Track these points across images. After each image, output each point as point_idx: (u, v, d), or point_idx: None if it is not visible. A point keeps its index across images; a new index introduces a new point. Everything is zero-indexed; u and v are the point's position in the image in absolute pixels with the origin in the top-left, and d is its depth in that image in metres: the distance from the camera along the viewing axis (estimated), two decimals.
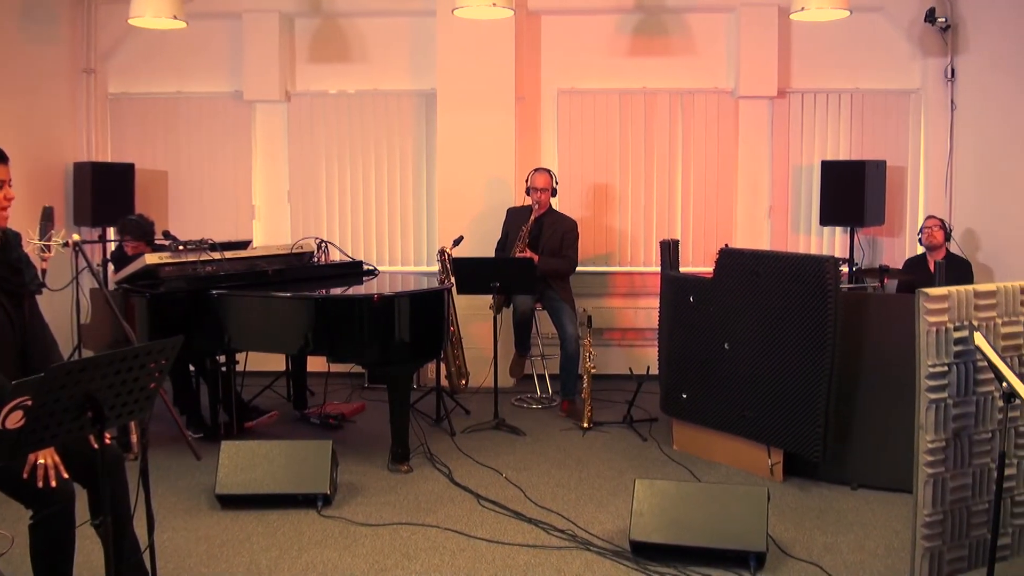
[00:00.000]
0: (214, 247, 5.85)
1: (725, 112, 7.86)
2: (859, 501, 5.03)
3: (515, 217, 6.99)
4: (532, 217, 6.78)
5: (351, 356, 5.55)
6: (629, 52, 7.83)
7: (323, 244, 6.54)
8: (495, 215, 7.31)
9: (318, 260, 6.53)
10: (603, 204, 7.91)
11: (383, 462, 5.55)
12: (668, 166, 7.89)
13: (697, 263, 7.81)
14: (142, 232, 6.36)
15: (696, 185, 7.90)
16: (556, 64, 7.85)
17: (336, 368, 6.95)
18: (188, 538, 4.49)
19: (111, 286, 5.92)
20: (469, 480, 5.31)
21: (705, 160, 7.89)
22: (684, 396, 5.78)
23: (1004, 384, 3.24)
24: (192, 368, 6.27)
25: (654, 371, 6.37)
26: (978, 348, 3.38)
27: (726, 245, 5.97)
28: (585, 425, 6.35)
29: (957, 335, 3.43)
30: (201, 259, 5.74)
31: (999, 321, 3.50)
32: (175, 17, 6.36)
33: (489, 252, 7.09)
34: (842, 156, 7.87)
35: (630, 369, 7.48)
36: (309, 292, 5.48)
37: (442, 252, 6.74)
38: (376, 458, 5.64)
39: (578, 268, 7.00)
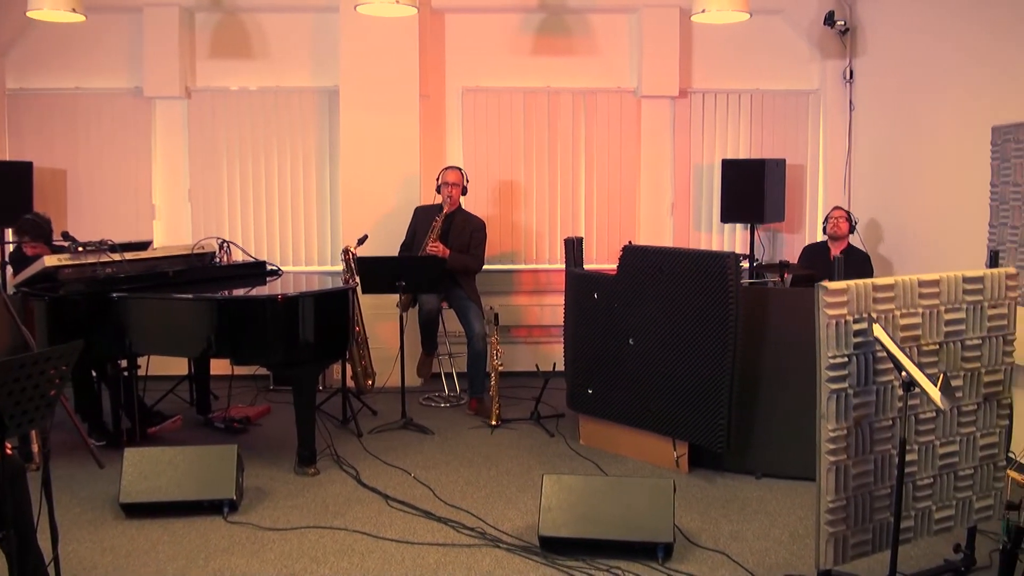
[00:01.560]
0: (114, 248, 5.67)
1: (628, 111, 7.94)
2: (763, 490, 5.13)
3: (423, 215, 6.93)
4: (444, 211, 6.73)
5: (255, 358, 5.43)
6: (533, 51, 7.84)
7: (225, 244, 6.39)
8: (400, 214, 7.23)
9: (220, 260, 6.37)
10: (508, 202, 7.91)
11: (289, 465, 5.44)
12: (572, 164, 7.94)
13: (601, 260, 7.88)
14: (40, 232, 6.12)
15: (600, 183, 7.96)
16: (460, 62, 7.82)
17: (240, 371, 6.78)
18: (93, 549, 4.32)
19: (10, 290, 5.68)
20: (377, 481, 5.24)
21: (608, 158, 7.95)
22: (590, 391, 5.82)
23: (903, 373, 3.33)
24: (94, 373, 6.04)
25: (560, 367, 6.38)
26: (877, 339, 3.47)
27: (629, 242, 6.03)
28: (493, 422, 6.34)
29: (856, 327, 3.52)
30: (101, 260, 5.56)
31: (897, 313, 3.60)
32: (74, 10, 6.11)
33: (395, 251, 7.01)
34: (742, 155, 8.03)
35: (536, 366, 7.50)
36: (211, 293, 5.34)
37: (346, 251, 6.65)
38: (282, 461, 5.52)
39: (484, 266, 6.99)
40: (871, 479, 3.61)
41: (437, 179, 6.92)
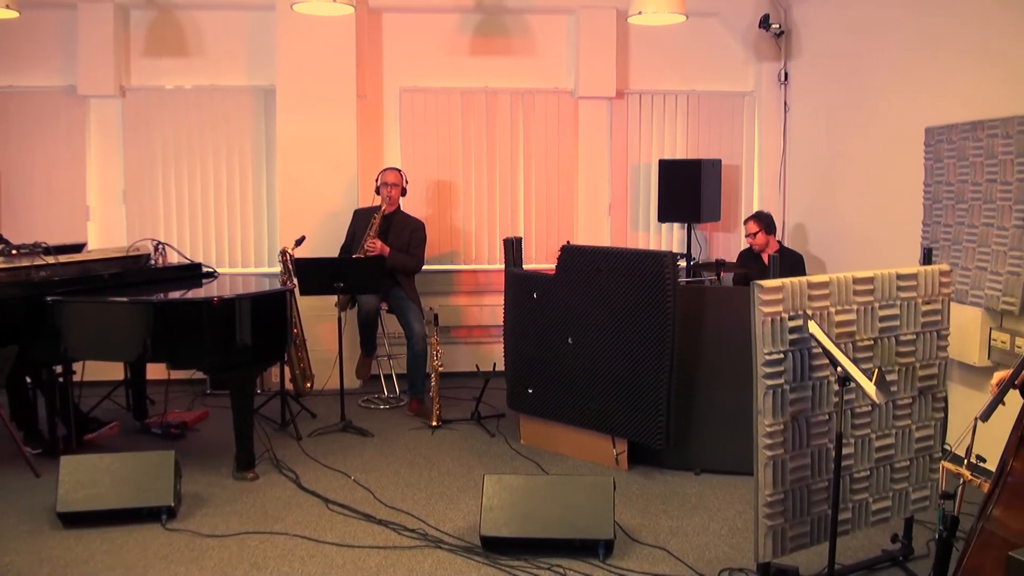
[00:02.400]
0: (48, 251, 5.52)
1: (565, 112, 7.96)
2: (702, 485, 5.18)
3: (362, 218, 6.87)
4: (382, 210, 6.69)
5: (191, 362, 5.34)
6: (471, 51, 7.82)
7: (160, 246, 6.26)
8: (338, 215, 7.16)
9: (155, 263, 6.24)
10: (447, 202, 7.88)
11: (228, 470, 5.34)
12: (510, 165, 7.93)
13: (540, 260, 7.88)
14: None
15: (538, 183, 7.97)
16: (398, 62, 7.76)
17: (176, 375, 6.65)
18: (30, 560, 4.20)
19: None
20: (317, 484, 5.18)
21: (546, 159, 7.96)
22: (530, 391, 5.82)
23: (839, 369, 3.38)
24: (28, 380, 5.87)
25: (500, 367, 6.37)
26: (812, 336, 3.52)
27: (568, 242, 6.05)
28: (433, 423, 6.30)
29: (792, 324, 3.56)
30: (35, 263, 5.40)
31: (832, 310, 3.66)
32: (7, 7, 5.93)
33: (333, 253, 6.94)
34: (679, 155, 8.09)
35: (477, 366, 7.48)
36: (147, 296, 5.23)
37: (283, 253, 6.56)
38: (221, 467, 5.43)
39: (424, 266, 6.95)
40: (808, 472, 3.66)
41: (376, 180, 6.87)
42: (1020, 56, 5.05)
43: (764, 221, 7.04)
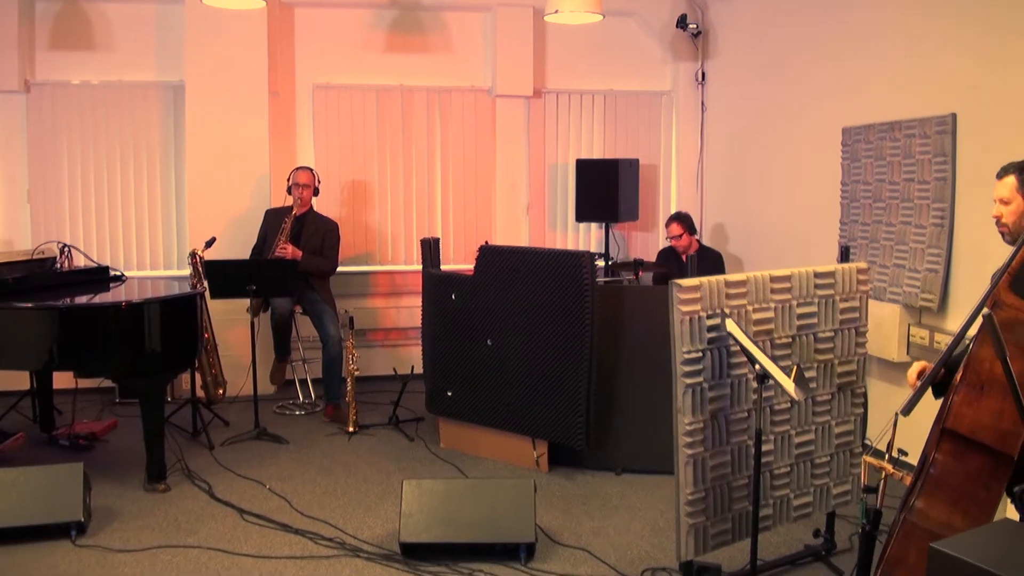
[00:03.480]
0: None
1: (482, 110, 7.94)
2: (624, 485, 5.22)
3: (274, 219, 6.76)
4: (294, 213, 6.58)
5: (99, 369, 5.16)
6: (386, 48, 7.74)
7: (66, 249, 6.06)
8: (250, 216, 7.02)
9: (61, 266, 6.04)
10: (362, 202, 7.79)
11: (139, 482, 5.18)
12: (427, 164, 7.88)
13: (458, 261, 7.85)
14: None
15: (455, 183, 7.93)
16: (311, 58, 7.64)
17: (84, 383, 6.43)
18: None
19: None
20: (231, 495, 5.07)
21: (464, 158, 7.93)
22: (449, 394, 5.79)
23: (757, 366, 3.42)
24: None
25: (418, 370, 6.34)
26: (730, 334, 3.56)
27: (486, 242, 6.03)
28: (350, 429, 6.23)
29: (710, 322, 3.60)
30: None
31: (750, 308, 3.70)
32: None
33: (245, 255, 6.80)
34: (597, 155, 8.14)
35: (394, 369, 7.41)
36: (52, 302, 5.03)
37: (193, 255, 6.40)
38: (131, 478, 5.26)
39: (338, 268, 6.87)
40: (729, 470, 3.70)
41: (288, 180, 6.75)
42: (937, 57, 5.19)
43: (686, 223, 7.14)
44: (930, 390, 3.30)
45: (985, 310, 2.77)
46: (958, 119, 5.04)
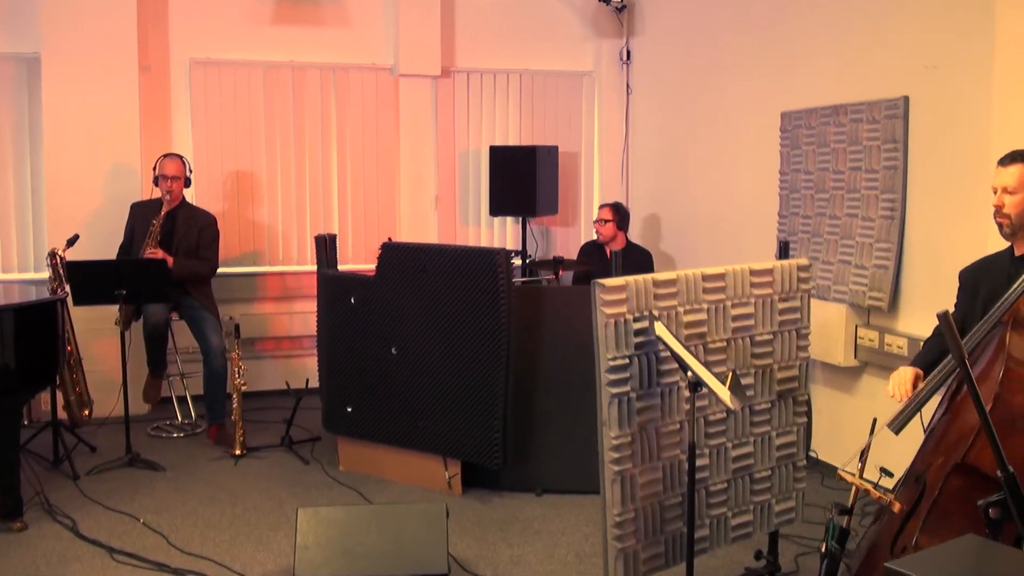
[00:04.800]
0: None
1: (384, 91, 7.93)
2: (545, 508, 5.26)
3: (142, 213, 6.65)
4: (163, 211, 6.47)
5: None
6: (274, 19, 7.66)
7: None
8: (118, 210, 6.87)
9: None
10: (247, 195, 7.70)
11: None
12: (322, 151, 7.83)
13: (358, 260, 7.83)
14: None
15: (354, 173, 7.90)
16: (187, 30, 7.51)
17: None
18: None
19: None
20: (99, 531, 4.98)
21: (363, 145, 7.91)
22: (349, 410, 5.78)
23: (689, 373, 3.48)
24: None
25: (314, 384, 6.31)
26: (660, 338, 3.60)
27: (389, 239, 6.04)
28: (237, 452, 6.18)
29: (637, 326, 3.64)
30: None
31: (681, 309, 3.76)
32: None
33: (112, 254, 6.68)
34: (512, 141, 8.19)
35: (287, 383, 7.34)
36: None
37: (53, 255, 6.26)
38: None
39: (219, 269, 6.78)
40: (660, 488, 3.75)
41: (153, 169, 6.65)
42: (888, 34, 5.34)
43: (620, 213, 7.25)
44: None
45: (1004, 325, 2.81)
46: (911, 102, 5.19)
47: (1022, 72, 4.38)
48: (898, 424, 3.42)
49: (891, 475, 3.54)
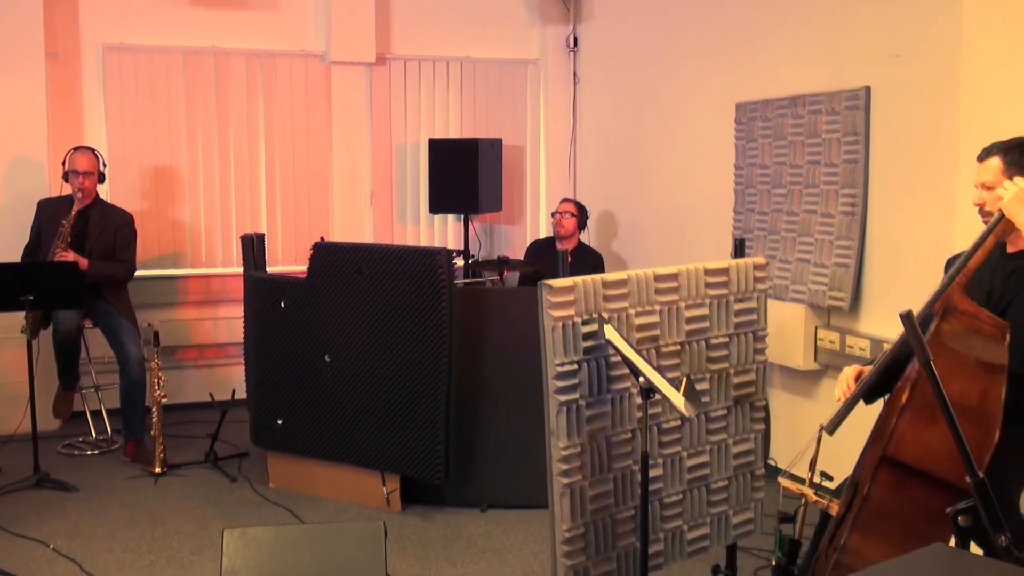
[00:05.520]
0: None
1: (315, 80, 7.90)
2: (491, 524, 5.28)
3: (50, 211, 6.57)
4: (74, 210, 6.40)
5: None
6: (194, 1, 7.61)
7: None
8: (23, 208, 6.78)
9: None
10: (167, 192, 7.64)
11: None
12: (248, 144, 7.79)
13: (288, 261, 7.82)
14: None
15: (283, 168, 7.87)
16: (99, 13, 7.44)
17: None
18: None
19: None
20: (5, 559, 4.92)
21: (293, 137, 7.88)
22: (279, 422, 5.77)
23: (641, 379, 3.50)
24: None
25: (241, 395, 6.29)
26: (610, 342, 3.63)
27: (322, 239, 6.02)
28: (157, 470, 6.15)
29: (586, 329, 3.66)
30: None
31: (632, 312, 3.79)
32: None
33: (16, 256, 6.59)
34: (452, 134, 8.21)
35: (211, 395, 7.26)
36: None
37: None
38: None
39: (137, 273, 6.72)
40: (612, 500, 3.78)
41: (63, 163, 6.57)
42: (850, 21, 5.42)
43: (583, 212, 7.31)
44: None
45: (936, 317, 2.88)
46: (872, 92, 5.27)
47: (990, 61, 4.41)
48: (832, 425, 3.49)
49: (831, 478, 3.61)
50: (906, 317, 2.64)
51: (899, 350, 3.29)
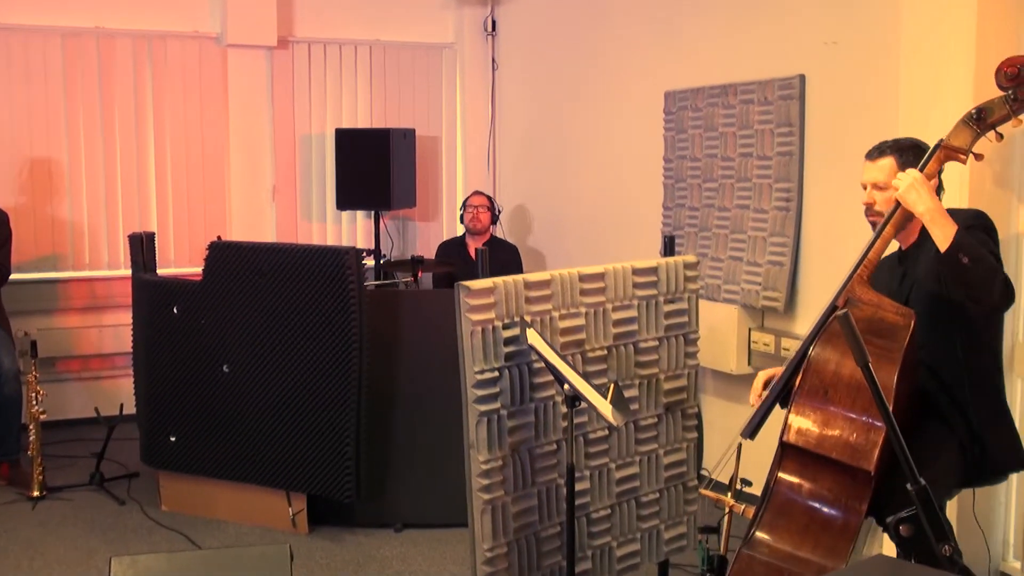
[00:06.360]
0: None
1: (210, 64, 7.84)
2: (406, 545, 5.29)
3: None
4: None
5: None
6: None
7: None
8: None
9: None
10: (45, 186, 7.52)
11: None
12: (136, 135, 7.70)
13: (181, 263, 7.74)
14: None
15: (176, 160, 7.79)
16: None
17: None
18: None
19: None
20: None
21: (186, 127, 7.80)
22: (173, 439, 5.72)
23: (566, 386, 3.54)
24: None
25: (130, 410, 6.21)
26: (532, 347, 3.66)
27: (218, 237, 5.98)
28: (35, 493, 6.06)
29: (507, 334, 3.69)
30: None
31: (556, 314, 3.83)
32: None
33: None
34: (361, 123, 8.19)
35: (96, 410, 7.16)
36: None
37: None
38: None
39: (11, 276, 6.59)
40: (536, 517, 3.81)
41: None
42: (782, 6, 5.51)
43: (494, 205, 7.33)
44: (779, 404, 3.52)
45: (839, 309, 2.98)
46: (807, 81, 5.37)
47: (931, 48, 4.50)
48: (748, 430, 3.58)
49: (750, 483, 3.69)
50: (844, 318, 2.72)
51: (807, 347, 3.41)
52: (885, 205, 3.56)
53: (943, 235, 3.23)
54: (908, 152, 3.59)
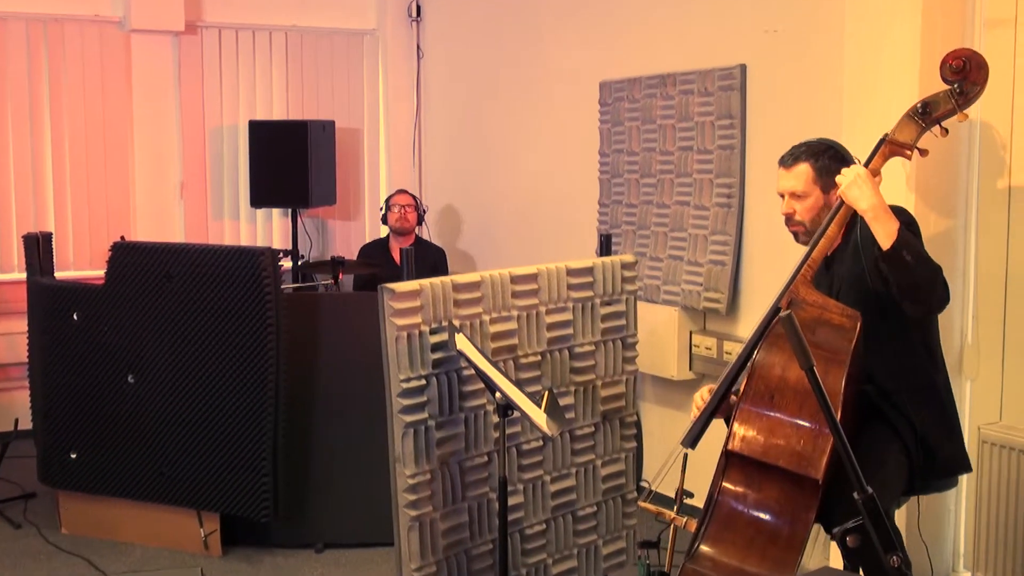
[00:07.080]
0: None
1: (112, 51, 7.77)
2: (328, 566, 5.28)
3: None
4: None
5: None
6: None
7: None
8: None
9: None
10: None
11: None
12: (31, 127, 7.62)
13: (81, 265, 7.68)
14: None
15: (74, 154, 7.72)
16: None
17: None
18: None
19: None
20: None
21: (86, 119, 7.73)
22: (73, 456, 5.66)
23: (498, 394, 3.56)
24: None
25: (26, 424, 6.13)
26: (462, 353, 3.68)
27: (122, 238, 5.93)
28: None
29: (435, 339, 3.71)
30: None
31: (487, 318, 3.85)
32: None
33: None
34: (277, 115, 8.16)
35: None
36: None
37: None
38: None
39: None
40: (467, 534, 3.83)
41: None
42: None
43: (419, 203, 7.33)
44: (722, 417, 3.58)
45: (783, 311, 3.03)
46: (748, 71, 5.42)
47: (877, 37, 4.55)
48: (689, 439, 3.64)
49: (691, 495, 3.75)
50: (787, 320, 2.76)
51: (749, 352, 3.48)
52: (806, 214, 3.65)
53: (886, 232, 3.30)
54: (824, 156, 3.67)
